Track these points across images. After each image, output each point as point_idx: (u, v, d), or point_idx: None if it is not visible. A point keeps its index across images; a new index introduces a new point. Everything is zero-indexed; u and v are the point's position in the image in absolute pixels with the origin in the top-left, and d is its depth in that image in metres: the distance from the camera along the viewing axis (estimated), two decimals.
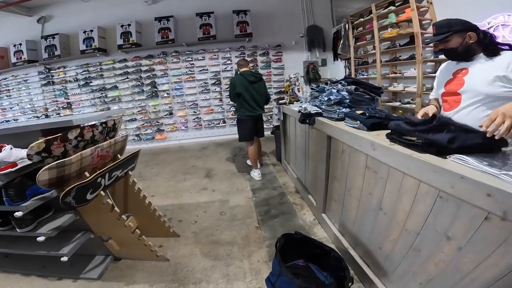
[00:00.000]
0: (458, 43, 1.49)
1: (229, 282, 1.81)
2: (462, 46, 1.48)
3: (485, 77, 1.41)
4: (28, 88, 6.23)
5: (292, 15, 6.24)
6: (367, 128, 1.58)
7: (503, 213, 0.81)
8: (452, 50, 1.54)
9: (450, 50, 1.54)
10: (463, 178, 0.91)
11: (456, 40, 1.49)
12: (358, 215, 1.72)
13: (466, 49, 1.49)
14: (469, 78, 1.50)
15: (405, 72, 4.16)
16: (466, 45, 1.48)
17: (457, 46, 1.50)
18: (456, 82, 1.57)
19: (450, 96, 1.60)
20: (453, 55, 1.59)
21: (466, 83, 1.51)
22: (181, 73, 6.12)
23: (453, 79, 1.60)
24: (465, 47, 1.48)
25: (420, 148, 1.12)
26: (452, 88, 1.59)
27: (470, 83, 1.49)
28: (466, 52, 1.50)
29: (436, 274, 1.11)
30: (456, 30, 1.48)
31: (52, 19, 5.96)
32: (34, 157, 1.42)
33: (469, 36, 1.46)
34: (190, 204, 3.03)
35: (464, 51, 1.50)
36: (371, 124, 1.56)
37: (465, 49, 1.49)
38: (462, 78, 1.54)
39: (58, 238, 1.78)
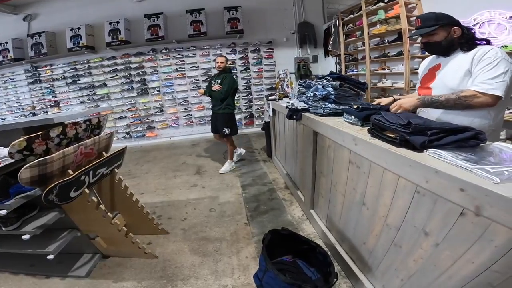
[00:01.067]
0: (443, 37, 1.49)
1: (217, 278, 1.82)
2: (446, 40, 1.49)
3: (454, 72, 1.45)
4: (14, 87, 6.13)
5: (283, 11, 6.24)
6: (362, 121, 1.57)
7: (476, 208, 0.81)
8: (435, 44, 1.53)
9: (434, 44, 1.54)
10: (437, 173, 0.91)
11: (441, 34, 1.49)
12: (343, 210, 1.74)
13: (449, 44, 1.49)
14: (440, 73, 1.55)
15: (393, 68, 4.21)
16: (450, 40, 1.48)
17: (441, 40, 1.50)
18: (429, 77, 1.62)
19: (423, 90, 1.65)
20: (435, 49, 1.59)
21: (437, 77, 1.55)
22: (171, 70, 6.07)
23: (427, 74, 1.65)
24: (449, 41, 1.49)
25: (398, 144, 1.14)
26: (425, 82, 1.65)
27: (440, 78, 1.54)
28: (449, 46, 1.51)
29: (416, 271, 1.12)
30: (443, 24, 1.47)
31: (38, 17, 5.86)
32: (16, 155, 1.40)
33: (454, 31, 1.47)
34: (180, 201, 3.03)
35: (447, 45, 1.50)
36: (364, 116, 1.55)
37: (448, 43, 1.49)
38: (435, 72, 1.58)
39: (44, 236, 1.76)
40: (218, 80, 3.63)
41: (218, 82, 3.62)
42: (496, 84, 1.29)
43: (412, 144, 1.08)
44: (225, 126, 3.68)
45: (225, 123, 3.69)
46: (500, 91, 1.29)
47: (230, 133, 3.74)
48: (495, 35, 2.78)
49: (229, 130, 3.71)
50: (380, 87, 4.51)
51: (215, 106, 3.71)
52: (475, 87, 1.33)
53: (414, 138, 1.07)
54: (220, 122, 3.70)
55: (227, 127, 3.69)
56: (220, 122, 3.70)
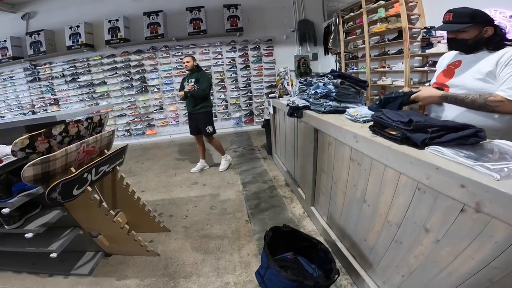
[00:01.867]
0: (473, 36, 1.37)
1: (219, 275, 1.83)
2: (474, 39, 1.37)
3: (475, 72, 1.36)
4: (13, 85, 6.12)
5: (283, 9, 6.22)
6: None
7: (476, 205, 0.81)
8: (462, 41, 1.41)
9: (460, 41, 1.42)
10: (438, 169, 0.92)
11: (472, 32, 1.37)
12: (344, 208, 1.75)
13: (476, 42, 1.38)
14: (460, 71, 1.45)
15: (393, 67, 4.21)
16: (479, 39, 1.37)
17: (470, 38, 1.38)
18: (447, 74, 1.52)
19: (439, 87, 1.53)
20: (459, 46, 1.47)
21: (455, 75, 1.46)
22: (171, 68, 6.07)
23: (445, 71, 1.56)
24: (476, 40, 1.37)
25: (399, 142, 1.15)
26: (442, 80, 1.54)
27: (459, 76, 1.44)
28: (475, 45, 1.39)
29: (416, 267, 1.13)
30: (478, 22, 1.35)
31: (36, 15, 5.84)
32: (19, 153, 1.41)
33: (486, 30, 1.35)
34: (181, 198, 3.04)
35: (474, 44, 1.39)
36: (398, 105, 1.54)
37: (476, 42, 1.38)
38: (454, 70, 1.48)
39: (46, 235, 1.77)
40: (192, 79, 3.54)
41: (192, 81, 3.53)
42: None
43: (413, 142, 1.09)
44: (208, 124, 3.62)
45: (207, 122, 3.62)
46: None
47: (213, 131, 3.69)
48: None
49: (212, 128, 3.65)
50: (380, 85, 4.52)
51: (195, 106, 3.58)
52: (503, 93, 1.23)
53: (415, 136, 1.08)
54: (202, 122, 3.61)
55: (210, 125, 3.63)
56: (202, 121, 3.61)
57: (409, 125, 1.11)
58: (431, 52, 3.39)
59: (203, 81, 3.52)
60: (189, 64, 3.53)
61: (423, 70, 3.59)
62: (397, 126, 1.18)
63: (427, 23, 3.60)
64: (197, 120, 3.64)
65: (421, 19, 3.72)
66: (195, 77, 3.54)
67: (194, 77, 3.54)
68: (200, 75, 3.56)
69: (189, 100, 3.58)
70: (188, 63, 3.53)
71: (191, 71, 3.59)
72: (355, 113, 1.65)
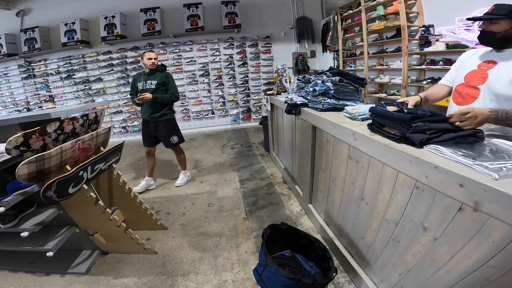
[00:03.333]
0: (503, 29, 1.30)
1: (217, 273, 1.83)
2: (503, 33, 1.30)
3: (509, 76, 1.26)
4: (8, 82, 6.05)
5: (281, 6, 6.19)
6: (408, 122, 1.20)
7: (475, 204, 0.81)
8: (490, 34, 1.34)
9: (489, 33, 1.35)
10: (437, 168, 0.92)
11: (504, 25, 1.30)
12: (342, 205, 1.75)
13: (506, 38, 1.31)
14: (493, 72, 1.33)
15: (391, 64, 4.21)
16: (510, 35, 1.30)
17: (498, 31, 1.31)
18: (479, 75, 1.39)
19: (467, 89, 1.43)
20: (487, 39, 1.39)
21: (489, 78, 1.34)
22: (168, 64, 6.00)
23: (476, 71, 1.42)
24: (506, 35, 1.30)
25: (397, 140, 1.15)
26: (472, 81, 1.41)
27: (492, 79, 1.32)
28: (503, 40, 1.32)
29: (414, 265, 1.14)
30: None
31: (31, 12, 5.77)
32: (13, 151, 1.39)
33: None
34: (178, 196, 3.03)
35: (502, 38, 1.32)
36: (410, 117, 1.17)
37: (504, 37, 1.31)
38: (486, 71, 1.36)
39: (42, 233, 1.76)
40: (153, 81, 2.95)
41: (153, 83, 2.94)
42: None
43: (411, 141, 1.09)
44: (172, 134, 3.14)
45: (170, 131, 3.13)
46: None
47: (179, 141, 3.24)
48: None
49: (177, 138, 3.20)
50: (378, 82, 4.52)
51: (154, 113, 3.00)
52: None
53: (413, 136, 1.09)
54: (164, 131, 3.08)
55: (174, 135, 3.16)
56: (164, 130, 3.08)
57: (409, 128, 1.11)
58: (429, 50, 3.38)
59: (172, 85, 3.05)
60: (157, 61, 2.98)
61: (420, 68, 3.58)
62: (396, 125, 1.18)
63: (425, 21, 3.59)
64: (156, 130, 3.08)
65: (419, 17, 3.71)
66: (158, 79, 2.96)
67: (156, 79, 2.96)
68: (166, 77, 3.02)
69: (147, 105, 2.98)
70: (156, 60, 2.97)
71: (153, 70, 2.98)
72: (354, 110, 1.64)
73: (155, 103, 2.95)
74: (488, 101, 1.32)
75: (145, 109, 3.03)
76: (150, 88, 2.93)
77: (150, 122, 3.06)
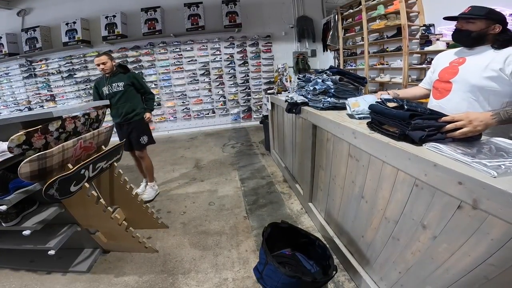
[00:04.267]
0: (478, 29, 1.39)
1: (217, 271, 1.84)
2: (479, 32, 1.39)
3: (480, 69, 1.36)
4: (9, 81, 6.07)
5: (282, 5, 6.19)
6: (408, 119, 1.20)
7: (474, 202, 0.82)
8: (465, 32, 1.43)
9: (464, 32, 1.44)
10: (435, 166, 0.92)
11: (479, 25, 1.39)
12: (342, 204, 1.76)
13: (480, 37, 1.40)
14: (464, 68, 1.44)
15: (392, 64, 4.21)
16: (483, 34, 1.39)
17: (474, 30, 1.40)
18: (450, 71, 1.50)
19: (442, 83, 1.55)
20: (462, 38, 1.48)
21: (460, 72, 1.45)
22: (169, 64, 6.04)
23: (448, 68, 1.54)
24: (480, 34, 1.39)
25: (397, 138, 1.16)
26: (445, 76, 1.53)
27: (463, 73, 1.43)
28: (478, 39, 1.41)
29: (414, 263, 1.14)
30: (490, 18, 1.37)
31: (32, 12, 5.78)
32: (15, 149, 1.39)
33: (494, 27, 1.37)
34: (179, 195, 3.04)
35: (477, 37, 1.40)
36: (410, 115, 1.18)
37: (479, 36, 1.40)
38: (457, 67, 1.47)
39: (44, 232, 1.77)
40: (120, 83, 2.73)
41: (120, 85, 2.73)
42: None
43: (411, 138, 1.10)
44: (143, 134, 2.90)
45: (142, 131, 2.91)
46: None
47: (149, 141, 2.98)
48: None
49: (147, 138, 2.95)
50: (378, 81, 4.52)
51: (127, 114, 2.81)
52: None
53: (413, 133, 1.09)
54: (136, 131, 2.86)
55: (145, 135, 2.92)
56: (136, 130, 2.86)
57: (408, 125, 1.11)
58: (429, 49, 3.38)
59: (144, 84, 2.92)
60: (107, 65, 2.68)
61: (421, 67, 3.58)
62: (395, 123, 1.19)
63: (426, 21, 3.59)
64: (130, 131, 2.86)
65: (420, 17, 3.71)
66: (125, 80, 2.76)
67: (123, 80, 2.75)
68: (134, 77, 2.84)
69: (119, 106, 2.78)
70: (106, 65, 2.67)
71: (112, 73, 2.76)
72: (354, 106, 1.60)
73: (126, 104, 2.79)
74: (462, 92, 1.41)
75: (116, 112, 2.83)
76: (118, 90, 2.74)
77: (124, 124, 2.87)
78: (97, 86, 2.85)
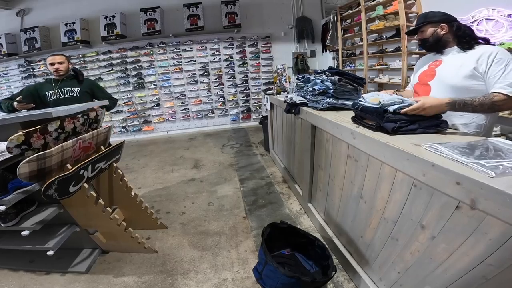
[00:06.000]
0: (430, 34, 1.53)
1: (217, 272, 1.84)
2: (433, 37, 1.53)
3: (455, 69, 1.44)
4: (8, 81, 6.07)
5: (281, 6, 6.21)
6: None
7: (472, 202, 0.82)
8: (424, 41, 1.58)
9: (424, 40, 1.58)
10: (434, 166, 0.93)
11: (429, 31, 1.53)
12: (341, 204, 1.76)
13: (437, 40, 1.53)
14: (440, 69, 1.53)
15: (390, 64, 4.22)
16: (437, 36, 1.52)
17: (428, 36, 1.54)
18: (428, 73, 1.60)
19: (421, 86, 1.64)
20: (425, 46, 1.62)
21: (437, 74, 1.54)
22: (168, 64, 6.04)
23: (426, 71, 1.64)
24: (435, 38, 1.52)
25: (374, 129, 1.33)
26: (423, 79, 1.63)
27: (440, 75, 1.52)
28: (437, 43, 1.54)
29: (412, 263, 1.14)
30: (431, 21, 1.52)
31: (31, 12, 5.79)
32: (14, 150, 1.39)
33: (441, 27, 1.50)
34: (178, 195, 3.04)
35: (435, 41, 1.54)
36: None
37: (435, 40, 1.53)
38: (434, 69, 1.56)
39: (43, 232, 1.76)
40: (76, 88, 2.43)
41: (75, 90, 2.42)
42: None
43: (385, 129, 1.27)
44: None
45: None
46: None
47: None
48: (492, 32, 2.78)
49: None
50: (377, 82, 4.53)
51: None
52: (504, 90, 1.27)
53: (386, 125, 1.27)
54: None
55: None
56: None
57: (382, 118, 1.29)
58: None
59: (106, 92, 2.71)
60: (64, 66, 2.40)
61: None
62: (372, 117, 1.36)
63: None
64: None
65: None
66: (82, 86, 2.47)
67: (79, 86, 2.46)
68: (95, 86, 2.65)
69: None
70: (62, 65, 2.39)
71: (66, 77, 2.43)
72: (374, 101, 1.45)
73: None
74: (440, 93, 1.45)
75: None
76: (71, 96, 2.39)
77: None
78: (38, 89, 2.38)
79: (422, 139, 1.15)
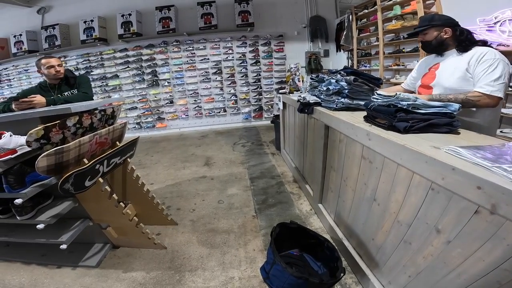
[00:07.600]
0: (433, 37, 1.58)
1: (224, 270, 1.84)
2: (436, 40, 1.58)
3: (451, 71, 1.52)
4: (29, 78, 6.26)
5: (294, 4, 6.15)
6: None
7: (492, 207, 0.79)
8: (427, 43, 1.63)
9: (426, 43, 1.63)
10: (454, 170, 0.89)
11: (432, 34, 1.58)
12: (353, 206, 1.73)
13: (439, 43, 1.58)
14: (439, 72, 1.60)
15: (408, 65, 4.13)
16: (440, 40, 1.57)
17: (431, 39, 1.59)
18: (430, 76, 1.67)
19: (424, 89, 1.70)
20: (427, 48, 1.67)
21: (437, 77, 1.61)
22: (182, 62, 6.10)
23: (428, 74, 1.70)
24: (438, 41, 1.58)
25: (386, 128, 1.33)
26: (426, 82, 1.69)
27: (439, 77, 1.60)
28: (439, 46, 1.60)
29: (425, 267, 1.12)
30: (435, 25, 1.56)
31: (51, 10, 5.95)
32: (33, 143, 1.43)
33: (445, 31, 1.55)
34: (189, 192, 3.06)
35: (437, 45, 1.59)
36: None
37: (438, 43, 1.58)
38: (435, 72, 1.63)
39: (57, 226, 1.79)
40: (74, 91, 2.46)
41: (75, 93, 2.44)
42: (498, 85, 1.37)
43: (398, 129, 1.26)
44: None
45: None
46: (502, 93, 1.38)
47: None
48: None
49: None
50: (394, 82, 4.43)
51: None
52: (481, 89, 1.40)
53: (398, 124, 1.26)
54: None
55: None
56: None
57: (394, 118, 1.29)
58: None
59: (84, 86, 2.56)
60: (62, 69, 2.42)
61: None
62: (385, 117, 1.36)
63: None
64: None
65: None
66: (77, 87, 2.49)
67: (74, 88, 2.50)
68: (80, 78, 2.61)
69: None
70: (61, 68, 2.41)
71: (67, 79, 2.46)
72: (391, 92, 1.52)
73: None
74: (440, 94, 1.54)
75: None
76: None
77: None
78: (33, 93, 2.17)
79: (439, 141, 1.12)
